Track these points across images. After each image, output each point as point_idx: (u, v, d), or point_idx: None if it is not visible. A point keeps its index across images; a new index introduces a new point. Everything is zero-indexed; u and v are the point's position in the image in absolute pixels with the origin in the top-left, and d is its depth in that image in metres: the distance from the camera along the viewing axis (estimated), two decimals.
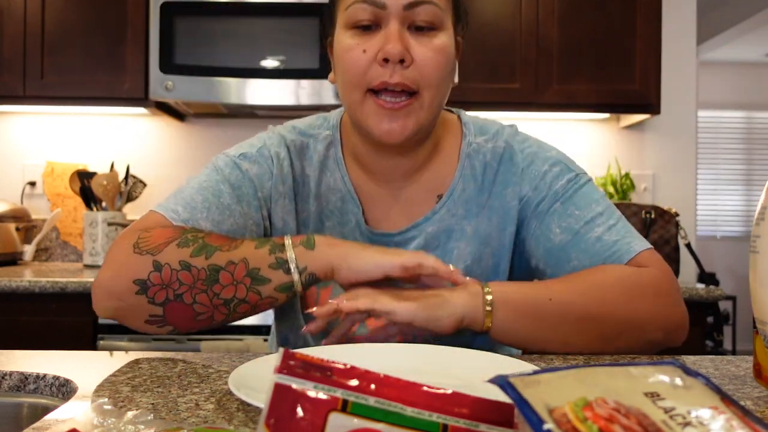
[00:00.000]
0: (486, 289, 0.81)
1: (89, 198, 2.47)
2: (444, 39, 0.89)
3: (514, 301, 0.82)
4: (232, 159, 0.95)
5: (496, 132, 1.00)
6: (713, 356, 0.86)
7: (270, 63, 2.30)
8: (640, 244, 0.90)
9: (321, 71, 2.26)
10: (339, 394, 0.38)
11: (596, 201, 0.93)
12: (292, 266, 0.79)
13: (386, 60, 0.86)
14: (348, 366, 0.39)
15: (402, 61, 0.86)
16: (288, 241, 0.81)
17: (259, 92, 2.30)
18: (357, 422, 0.37)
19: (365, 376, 0.39)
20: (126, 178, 2.51)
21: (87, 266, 2.43)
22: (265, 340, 1.97)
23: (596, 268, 0.88)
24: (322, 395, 0.37)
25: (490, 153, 0.98)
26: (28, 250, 2.19)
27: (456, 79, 0.96)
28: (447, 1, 0.91)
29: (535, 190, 0.95)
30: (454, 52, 0.93)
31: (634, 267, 0.88)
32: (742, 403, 0.64)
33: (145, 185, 2.57)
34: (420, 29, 0.88)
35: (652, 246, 0.91)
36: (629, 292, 0.85)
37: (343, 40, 0.90)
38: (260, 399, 0.55)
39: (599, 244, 0.90)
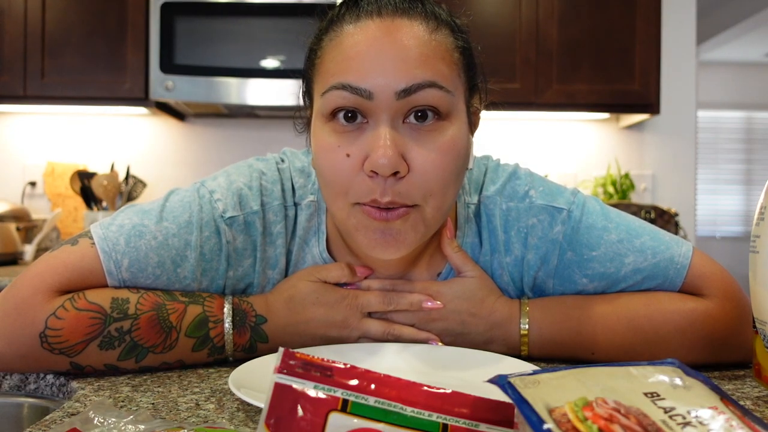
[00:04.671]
0: (523, 340, 0.79)
1: (90, 198, 2.47)
2: (453, 131, 0.69)
3: (550, 353, 0.80)
4: (218, 217, 0.77)
5: (482, 185, 0.84)
6: None
7: (270, 63, 2.31)
8: (678, 250, 0.79)
9: None
10: (339, 394, 0.38)
11: (605, 227, 0.79)
12: (231, 359, 0.77)
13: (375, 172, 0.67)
14: (348, 366, 0.39)
15: (396, 172, 0.67)
16: (230, 345, 0.75)
17: (259, 92, 2.30)
18: (357, 422, 0.37)
19: (365, 376, 0.39)
20: (126, 178, 2.51)
21: None
22: None
23: (647, 304, 0.78)
24: (322, 395, 0.37)
25: (484, 215, 0.83)
26: (29, 250, 2.19)
27: (471, 164, 0.77)
28: (456, 75, 0.71)
29: (530, 249, 0.81)
30: (468, 140, 0.73)
31: (692, 302, 0.78)
32: (742, 403, 0.63)
33: (145, 185, 2.57)
34: (421, 118, 0.68)
35: (690, 243, 0.81)
36: (689, 345, 0.77)
37: (320, 134, 0.71)
38: (260, 399, 0.55)
39: (640, 275, 0.79)
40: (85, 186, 2.46)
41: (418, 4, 0.71)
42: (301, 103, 0.81)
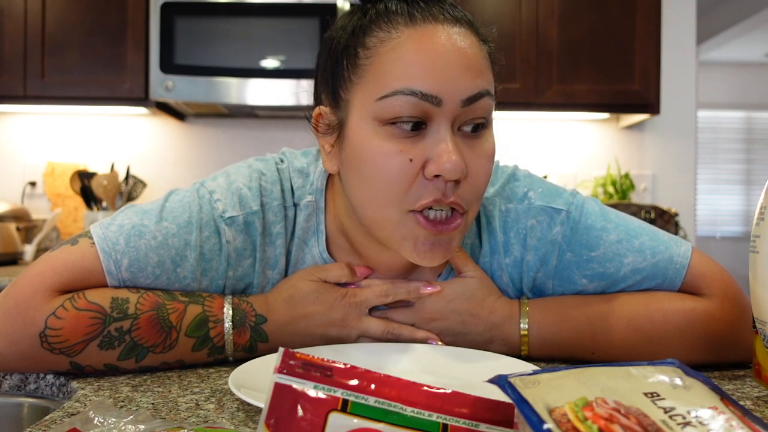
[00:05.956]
0: (523, 340, 0.79)
1: (90, 198, 2.47)
2: (491, 138, 0.73)
3: (550, 353, 0.80)
4: (218, 217, 0.77)
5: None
6: None
7: (270, 63, 2.30)
8: (677, 250, 0.79)
9: None
10: (339, 394, 0.38)
11: (603, 228, 0.80)
12: (231, 358, 0.77)
13: (437, 175, 0.67)
14: (348, 366, 0.39)
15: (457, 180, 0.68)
16: (230, 345, 0.75)
17: (259, 92, 2.30)
18: (357, 422, 0.37)
19: (365, 376, 0.39)
20: (126, 178, 2.51)
21: None
22: None
23: (646, 304, 0.78)
24: (322, 395, 0.37)
25: (483, 216, 0.83)
26: (29, 250, 2.19)
27: None
28: (493, 81, 0.73)
29: (529, 250, 0.81)
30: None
31: (692, 301, 0.78)
32: (742, 403, 0.64)
33: (145, 185, 2.57)
34: (473, 128, 0.70)
35: (689, 243, 0.81)
36: (689, 345, 0.77)
37: (374, 140, 0.68)
38: (260, 399, 0.55)
39: (639, 275, 0.79)
40: (85, 186, 2.46)
41: (462, 13, 0.72)
42: (302, 103, 0.80)
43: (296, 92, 2.26)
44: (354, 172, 0.71)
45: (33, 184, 2.68)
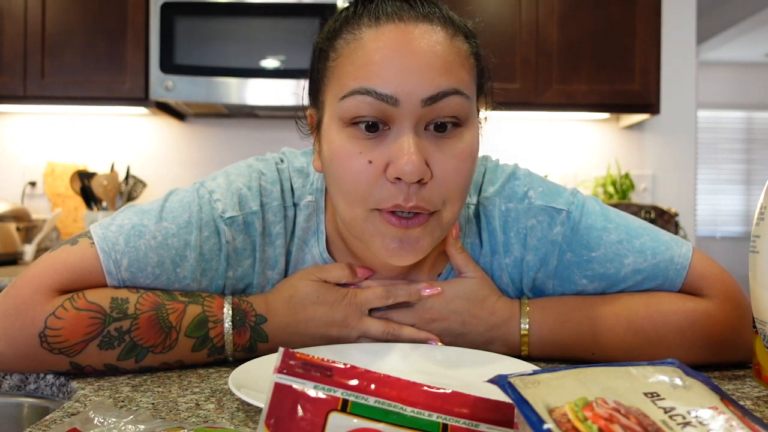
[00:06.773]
0: (523, 340, 0.79)
1: (90, 198, 2.47)
2: (469, 137, 0.70)
3: (550, 354, 0.80)
4: (218, 217, 0.76)
5: (480, 186, 0.84)
6: None
7: (270, 63, 2.30)
8: (678, 251, 0.79)
9: None
10: (339, 394, 0.38)
11: (604, 228, 0.79)
12: (231, 359, 0.77)
13: (399, 178, 0.66)
14: (348, 366, 0.39)
15: (420, 179, 0.66)
16: (230, 345, 0.75)
17: (259, 92, 2.30)
18: (357, 422, 0.37)
19: (365, 376, 0.39)
20: (126, 178, 2.51)
21: None
22: None
23: (647, 305, 0.78)
24: (322, 395, 0.37)
25: (483, 216, 0.83)
26: (29, 250, 2.19)
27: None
28: (472, 80, 0.71)
29: (529, 250, 0.81)
30: (479, 143, 0.73)
31: (692, 302, 0.78)
32: (742, 403, 0.64)
33: (145, 185, 2.57)
34: (441, 127, 0.68)
35: (690, 244, 0.81)
36: (689, 346, 0.77)
37: (338, 140, 0.69)
38: (260, 399, 0.55)
39: (639, 276, 0.79)
40: (85, 186, 2.46)
41: (436, 9, 0.71)
42: (303, 104, 0.80)
43: (296, 92, 2.25)
44: (328, 171, 0.72)
45: (33, 184, 2.68)
